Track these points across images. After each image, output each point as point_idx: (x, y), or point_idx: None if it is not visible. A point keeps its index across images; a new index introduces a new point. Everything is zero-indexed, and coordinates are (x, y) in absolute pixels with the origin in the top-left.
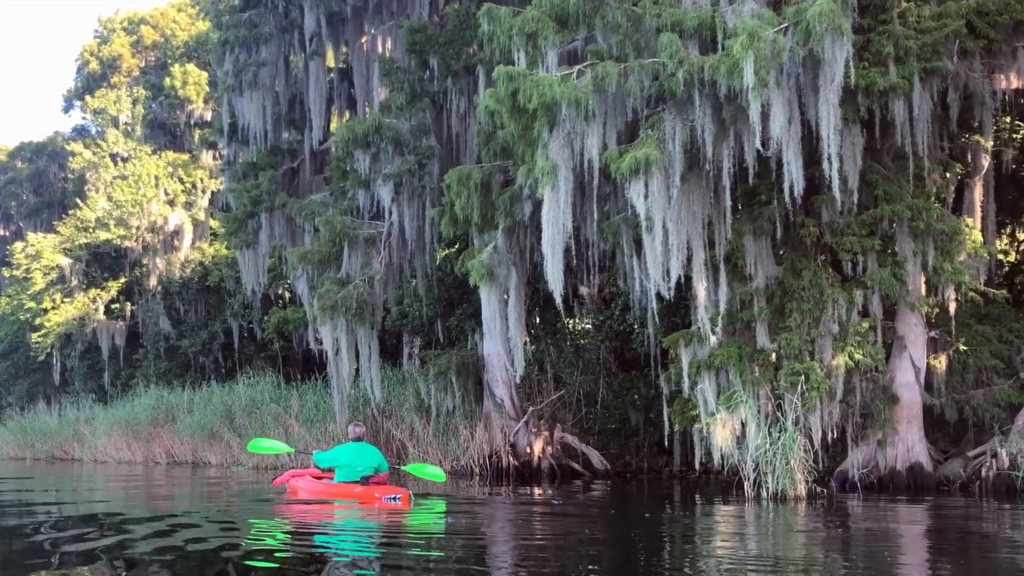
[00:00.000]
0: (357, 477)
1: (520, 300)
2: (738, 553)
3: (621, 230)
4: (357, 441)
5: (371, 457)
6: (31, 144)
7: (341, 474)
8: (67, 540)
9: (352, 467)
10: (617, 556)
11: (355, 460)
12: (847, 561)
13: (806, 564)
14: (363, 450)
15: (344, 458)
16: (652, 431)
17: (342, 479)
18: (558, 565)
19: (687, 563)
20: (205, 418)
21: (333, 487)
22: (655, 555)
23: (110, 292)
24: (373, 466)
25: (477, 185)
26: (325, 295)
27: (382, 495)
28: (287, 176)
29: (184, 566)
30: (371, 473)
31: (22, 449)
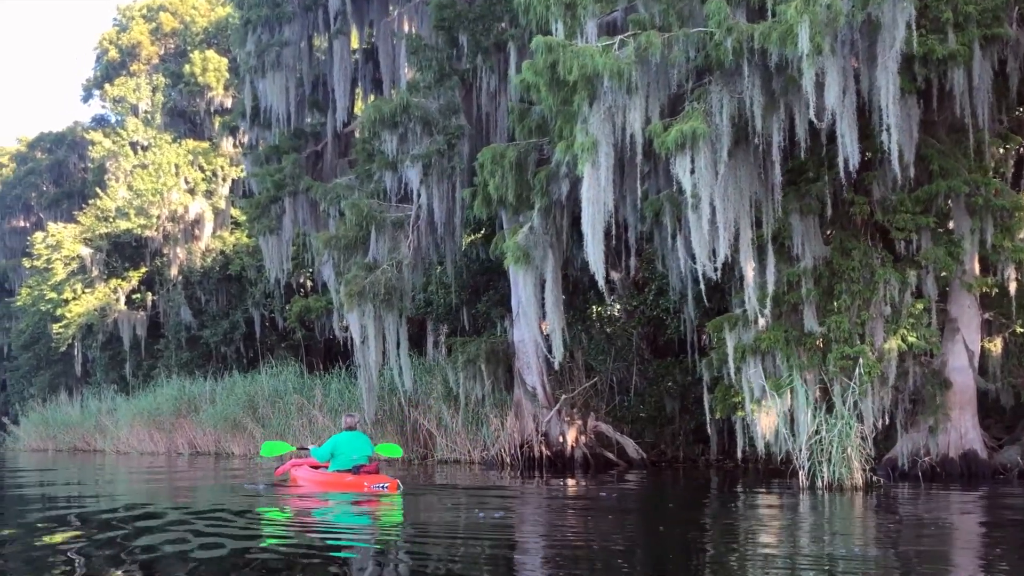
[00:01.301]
0: (350, 466)
1: (557, 283)
2: (816, 550)
3: (664, 209)
4: (350, 430)
5: (364, 446)
6: (50, 134)
7: (336, 463)
8: (90, 536)
9: (347, 456)
10: (680, 551)
11: (349, 449)
12: (918, 557)
13: (891, 559)
14: (356, 439)
15: (339, 448)
16: (688, 419)
17: (336, 468)
18: (621, 560)
19: (761, 560)
20: (228, 408)
21: (327, 476)
22: (728, 551)
23: (131, 282)
24: (367, 454)
25: (512, 163)
26: (352, 281)
27: (371, 484)
28: (311, 160)
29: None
30: (364, 462)
31: (44, 441)
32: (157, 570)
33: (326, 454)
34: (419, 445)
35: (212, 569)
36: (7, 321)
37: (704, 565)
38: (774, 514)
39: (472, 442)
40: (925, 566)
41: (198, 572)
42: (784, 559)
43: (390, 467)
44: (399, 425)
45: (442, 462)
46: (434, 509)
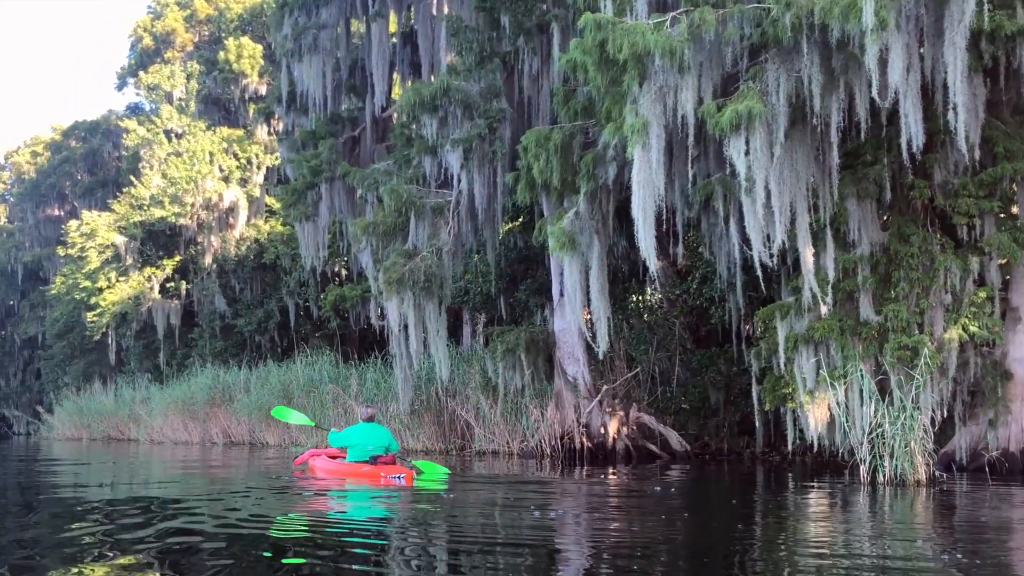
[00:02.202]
0: (367, 456)
1: (603, 270)
2: (883, 550)
3: (716, 193)
4: (369, 421)
5: (381, 437)
6: (85, 123)
7: (353, 453)
8: (123, 528)
9: (363, 447)
10: (745, 548)
11: (366, 440)
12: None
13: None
14: (374, 430)
15: (356, 438)
16: (733, 411)
17: (353, 459)
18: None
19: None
20: (262, 398)
21: (344, 466)
22: (796, 551)
23: (165, 271)
24: (383, 446)
25: (557, 146)
26: (391, 268)
27: (387, 474)
28: (347, 145)
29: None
30: (381, 453)
31: (78, 429)
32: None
33: (340, 442)
34: (456, 436)
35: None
36: (42, 310)
37: (779, 564)
38: (838, 511)
39: (511, 433)
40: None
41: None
42: (855, 559)
43: (428, 456)
44: (436, 415)
45: (480, 453)
46: (485, 504)
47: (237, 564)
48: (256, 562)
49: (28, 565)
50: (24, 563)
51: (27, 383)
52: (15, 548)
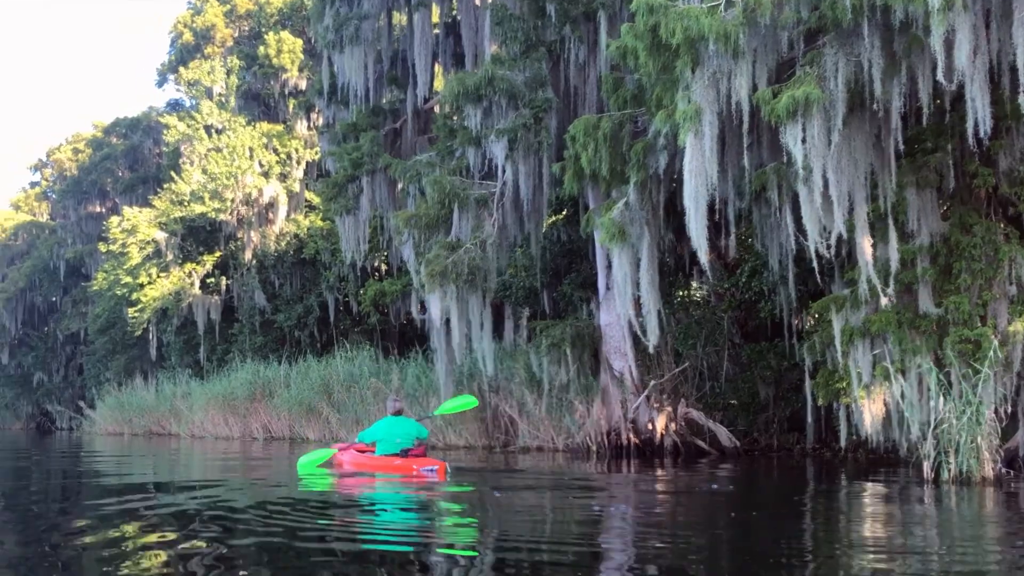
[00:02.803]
0: (396, 450)
1: (653, 262)
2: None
3: (771, 182)
4: (396, 415)
5: (410, 430)
6: (125, 120)
7: (382, 447)
8: (164, 519)
9: (391, 440)
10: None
11: (394, 433)
12: None
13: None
14: (401, 424)
15: (384, 432)
16: (783, 406)
17: (382, 452)
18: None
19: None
20: (302, 393)
21: (374, 460)
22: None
23: (205, 266)
24: (412, 437)
25: (606, 135)
26: (433, 261)
27: (419, 467)
28: (389, 138)
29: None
30: (410, 445)
31: (120, 425)
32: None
33: (370, 437)
34: (500, 432)
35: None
36: (84, 306)
37: (858, 566)
38: (907, 511)
39: (556, 429)
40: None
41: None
42: (937, 561)
43: (472, 452)
44: (478, 411)
45: (524, 450)
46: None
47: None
48: (296, 557)
49: (71, 558)
50: (67, 556)
51: (69, 378)
52: (59, 538)
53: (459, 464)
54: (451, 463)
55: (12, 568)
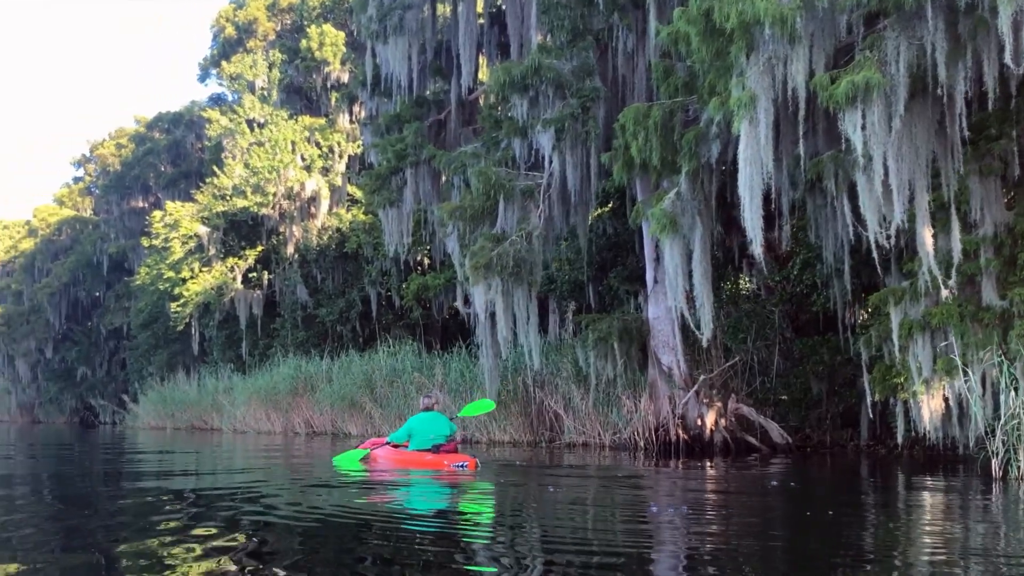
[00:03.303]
0: (429, 445)
1: (706, 253)
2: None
3: (828, 171)
4: (428, 411)
5: (441, 426)
6: (168, 114)
7: (415, 443)
8: (204, 515)
9: (424, 436)
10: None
11: (427, 429)
12: None
13: None
14: (435, 420)
15: (417, 428)
16: (837, 402)
17: (415, 447)
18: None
19: None
20: (345, 388)
21: (407, 455)
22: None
23: (247, 261)
24: (445, 434)
25: (656, 124)
26: (478, 253)
27: (450, 463)
28: (433, 129)
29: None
30: (443, 442)
31: (162, 419)
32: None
33: (404, 435)
34: (545, 428)
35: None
36: (127, 300)
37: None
38: (975, 508)
39: (603, 424)
40: None
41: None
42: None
43: (516, 448)
44: (523, 407)
45: (570, 445)
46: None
47: (322, 552)
48: (341, 552)
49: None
50: (111, 546)
51: (113, 373)
52: (102, 532)
53: (506, 460)
54: (496, 459)
55: (56, 566)
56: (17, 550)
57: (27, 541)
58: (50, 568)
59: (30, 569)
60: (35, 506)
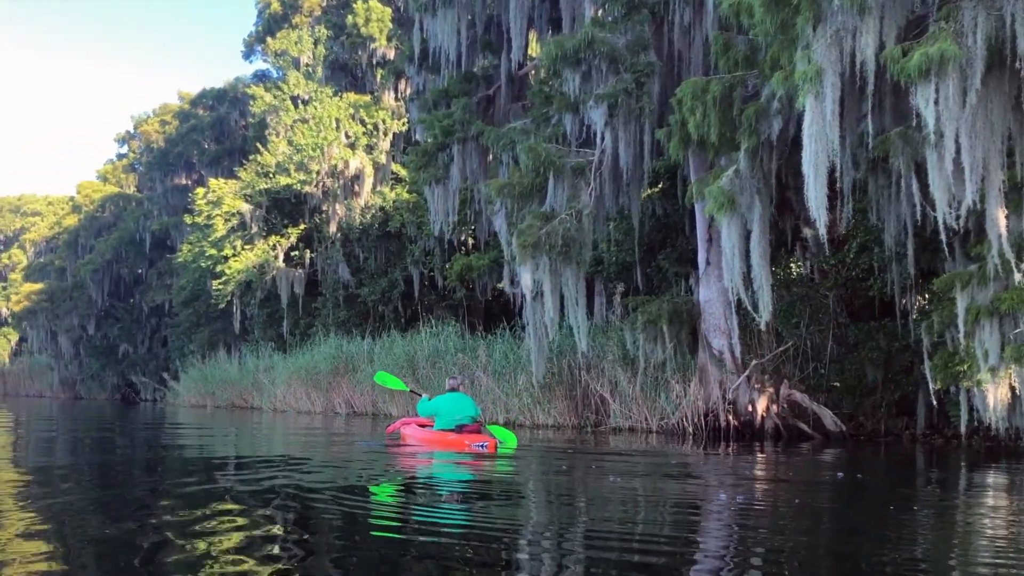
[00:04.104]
0: (453, 425)
1: (765, 233)
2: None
3: (895, 148)
4: (453, 392)
5: (466, 407)
6: (212, 91)
7: (440, 422)
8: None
9: (450, 416)
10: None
11: (452, 410)
12: None
13: None
14: (459, 400)
15: (443, 408)
16: (892, 389)
17: (440, 427)
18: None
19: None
20: (386, 368)
21: (432, 434)
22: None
23: (290, 239)
24: (469, 415)
25: (715, 99)
26: (526, 231)
27: (471, 442)
28: (481, 105)
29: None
30: (467, 422)
31: (203, 397)
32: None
33: (428, 412)
34: (591, 411)
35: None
36: (169, 278)
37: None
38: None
39: (650, 409)
40: None
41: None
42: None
43: (561, 431)
44: (568, 389)
45: (616, 430)
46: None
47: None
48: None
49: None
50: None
51: (154, 350)
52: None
53: (558, 446)
54: (547, 444)
55: (94, 544)
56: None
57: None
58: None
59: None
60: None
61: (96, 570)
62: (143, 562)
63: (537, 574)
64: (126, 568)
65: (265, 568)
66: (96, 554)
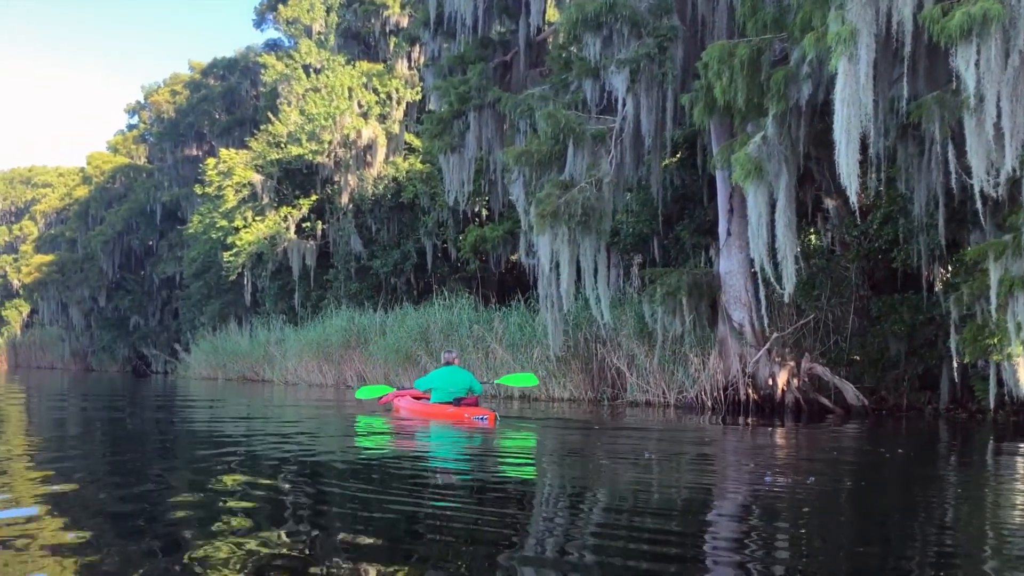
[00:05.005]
0: (450, 399)
1: (791, 202)
2: None
3: (931, 113)
4: (449, 366)
5: (463, 380)
6: (223, 60)
7: (436, 396)
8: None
9: (445, 389)
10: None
11: (448, 383)
12: None
13: None
14: (455, 374)
15: (438, 381)
16: (916, 363)
17: (437, 400)
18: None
19: None
20: (399, 340)
21: (429, 407)
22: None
23: (301, 210)
24: (465, 387)
25: (743, 63)
26: (545, 200)
27: (471, 415)
28: (498, 71)
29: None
30: (463, 395)
31: (214, 369)
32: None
33: (425, 386)
34: (607, 384)
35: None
36: (180, 249)
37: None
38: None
39: (668, 383)
40: None
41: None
42: None
43: (577, 405)
44: (584, 363)
45: (632, 404)
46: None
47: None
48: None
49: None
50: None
51: (165, 322)
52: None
53: (582, 420)
54: (567, 419)
55: (107, 519)
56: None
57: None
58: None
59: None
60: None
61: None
62: (155, 535)
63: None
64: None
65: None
66: (110, 528)
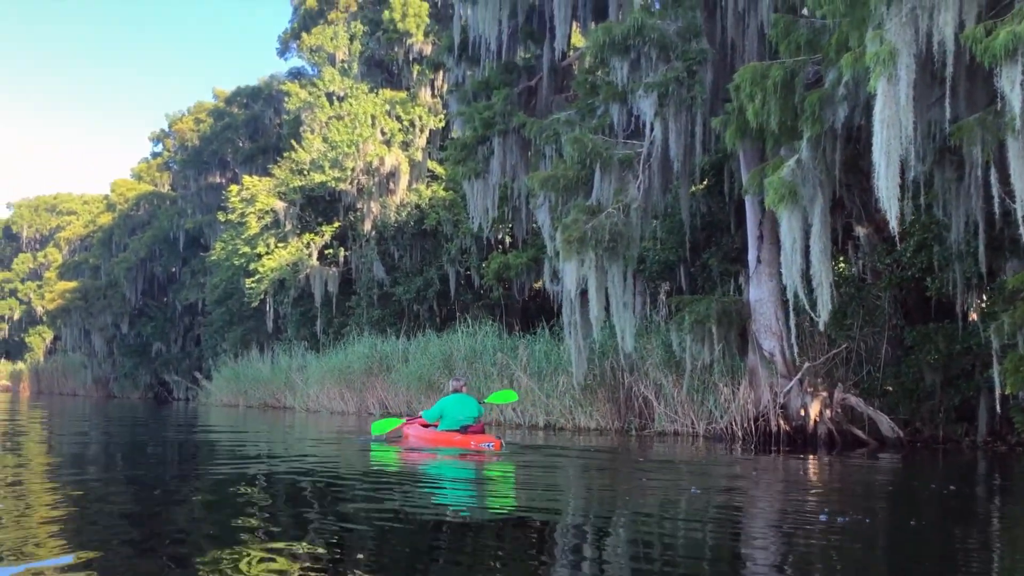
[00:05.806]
0: (458, 426)
1: (826, 227)
2: None
3: (974, 135)
4: (457, 393)
5: (471, 408)
6: (247, 88)
7: (444, 423)
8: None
9: (454, 417)
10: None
11: (456, 411)
12: None
13: None
14: (463, 402)
15: (447, 409)
16: (952, 394)
17: (445, 428)
18: None
19: None
20: (422, 368)
21: (437, 435)
22: None
23: (324, 237)
24: (474, 416)
25: (776, 84)
26: (571, 226)
27: (477, 442)
28: (523, 96)
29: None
30: (471, 423)
31: (235, 396)
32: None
33: (435, 415)
34: (634, 415)
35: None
36: (202, 276)
37: None
38: None
39: (696, 413)
40: None
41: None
42: None
43: (604, 436)
44: (611, 392)
45: (661, 434)
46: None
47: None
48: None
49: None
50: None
51: (187, 349)
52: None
53: (609, 448)
54: (596, 449)
55: (129, 545)
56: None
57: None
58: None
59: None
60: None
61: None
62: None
63: None
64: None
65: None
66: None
